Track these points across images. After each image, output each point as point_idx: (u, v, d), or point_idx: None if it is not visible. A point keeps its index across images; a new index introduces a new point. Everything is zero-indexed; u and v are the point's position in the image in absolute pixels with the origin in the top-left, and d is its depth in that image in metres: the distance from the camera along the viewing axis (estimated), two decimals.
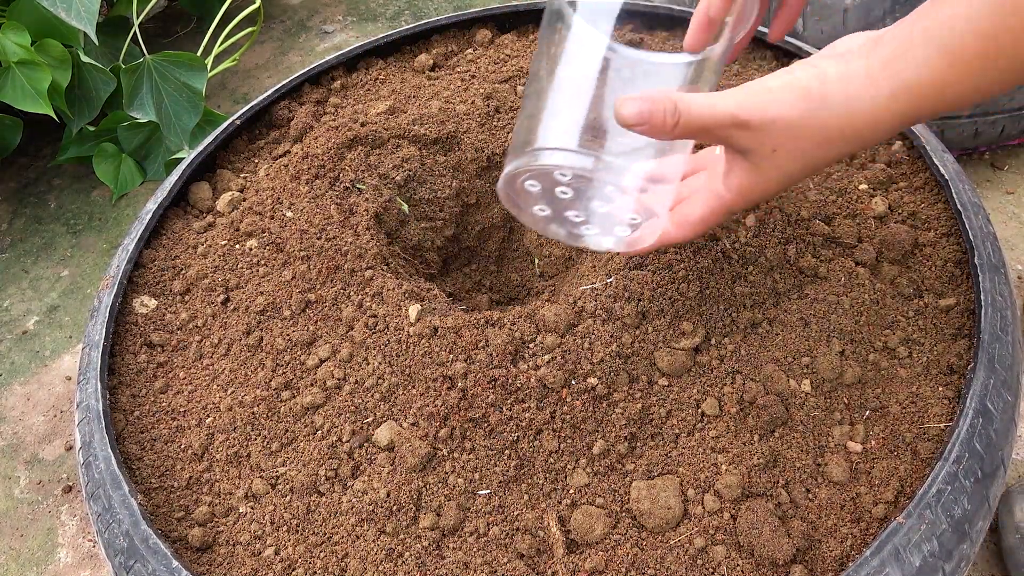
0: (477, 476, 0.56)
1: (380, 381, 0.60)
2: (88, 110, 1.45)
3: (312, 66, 0.91)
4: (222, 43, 1.56)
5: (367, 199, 0.72)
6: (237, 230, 0.75)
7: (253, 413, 0.62)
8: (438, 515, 0.55)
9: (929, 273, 0.66)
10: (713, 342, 0.59)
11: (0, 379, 1.25)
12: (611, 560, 0.52)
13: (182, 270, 0.75)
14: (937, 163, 0.71)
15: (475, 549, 0.54)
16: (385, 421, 0.59)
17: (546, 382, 0.56)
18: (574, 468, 0.56)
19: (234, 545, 0.58)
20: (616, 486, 0.55)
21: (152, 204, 0.80)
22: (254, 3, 1.58)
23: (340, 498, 0.57)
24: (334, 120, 0.81)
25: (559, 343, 0.58)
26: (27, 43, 1.31)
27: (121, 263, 0.74)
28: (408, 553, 0.54)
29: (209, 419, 0.64)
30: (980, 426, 0.54)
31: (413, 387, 0.59)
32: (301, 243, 0.69)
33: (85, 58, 1.40)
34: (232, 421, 0.63)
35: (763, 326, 0.60)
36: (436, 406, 0.57)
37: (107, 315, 0.70)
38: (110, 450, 0.60)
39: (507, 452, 0.56)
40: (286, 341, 0.65)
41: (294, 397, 0.62)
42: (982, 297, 0.60)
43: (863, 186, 0.72)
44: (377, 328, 0.62)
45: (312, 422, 0.61)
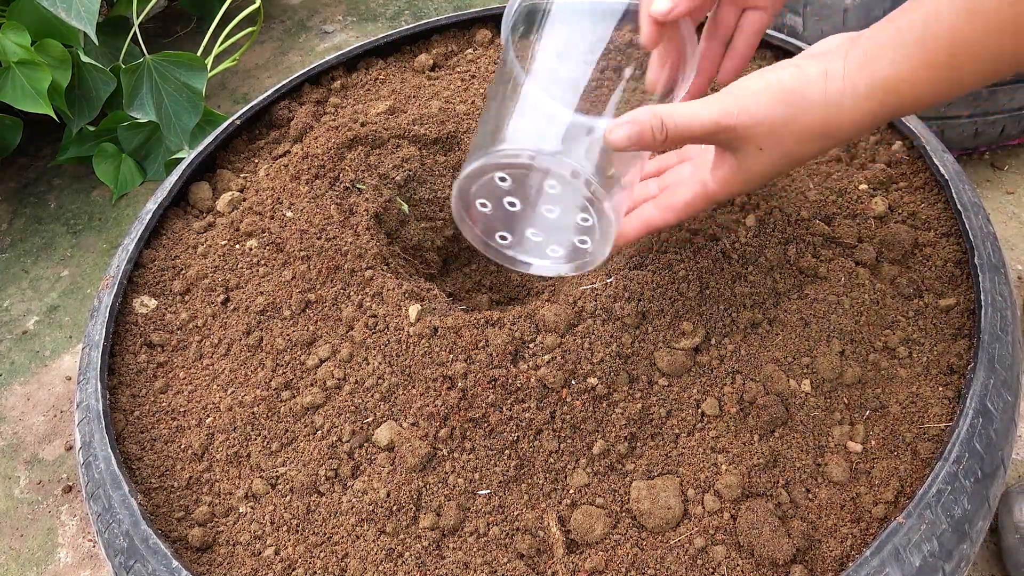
0: (477, 476, 0.56)
1: (380, 381, 0.60)
2: (88, 110, 1.45)
3: (312, 66, 0.91)
4: (222, 43, 1.56)
5: (367, 199, 0.72)
6: (237, 230, 0.75)
7: (253, 413, 0.62)
8: (438, 515, 0.55)
9: (929, 273, 0.66)
10: (713, 342, 0.59)
11: (0, 379, 1.25)
12: (611, 560, 0.52)
13: (182, 270, 0.75)
14: (937, 163, 0.71)
15: (475, 549, 0.54)
16: (385, 421, 0.59)
17: (546, 382, 0.56)
18: (574, 468, 0.56)
19: (234, 545, 0.58)
20: (616, 486, 0.55)
21: (152, 204, 0.80)
22: (254, 3, 1.58)
23: (340, 498, 0.57)
24: (334, 120, 0.81)
25: (559, 343, 0.58)
26: (27, 43, 1.31)
27: (121, 263, 0.74)
28: (408, 553, 0.54)
29: (209, 419, 0.64)
30: (980, 426, 0.54)
31: (413, 387, 0.59)
32: (301, 243, 0.69)
33: (85, 58, 1.40)
34: (232, 421, 0.63)
35: (763, 326, 0.60)
36: (436, 406, 0.57)
37: (107, 315, 0.70)
38: (110, 450, 0.60)
39: (507, 452, 0.56)
40: (286, 341, 0.65)
41: (294, 397, 0.62)
42: (982, 297, 0.60)
43: (863, 186, 0.72)
44: (377, 328, 0.62)
45: (312, 422, 0.61)
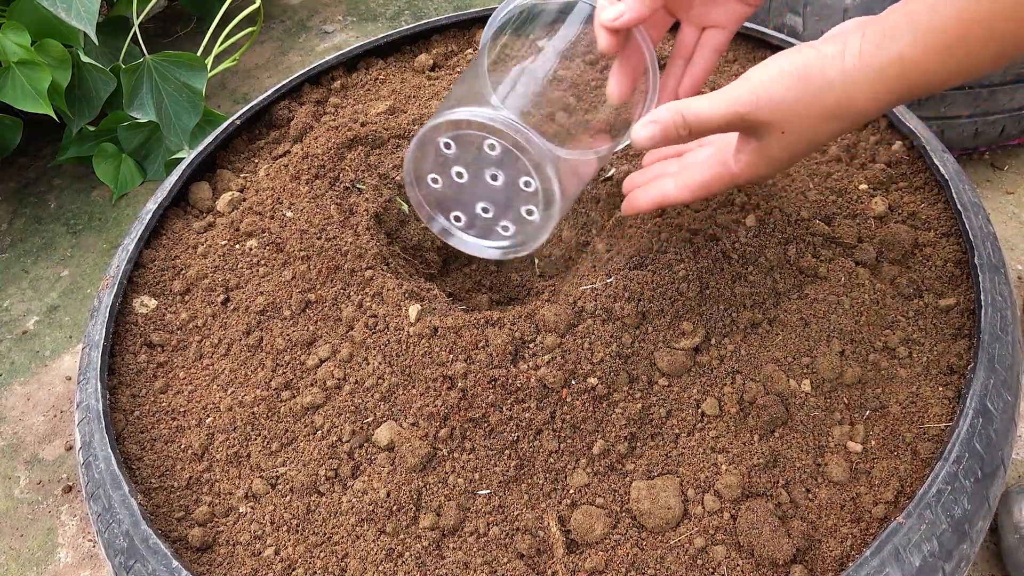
0: (477, 476, 0.56)
1: (380, 381, 0.60)
2: (88, 110, 1.45)
3: (312, 66, 0.91)
4: (222, 43, 1.56)
5: (367, 199, 0.72)
6: (237, 230, 0.75)
7: (253, 413, 0.62)
8: (438, 515, 0.55)
9: (929, 273, 0.66)
10: (713, 342, 0.59)
11: (0, 379, 1.25)
12: (611, 560, 0.52)
13: (182, 270, 0.75)
14: (937, 163, 0.71)
15: (475, 549, 0.54)
16: (385, 421, 0.59)
17: (546, 382, 0.56)
18: (574, 468, 0.56)
19: (234, 545, 0.58)
20: (616, 486, 0.55)
21: (152, 204, 0.80)
22: (254, 3, 1.58)
23: (340, 498, 0.57)
24: (334, 120, 0.81)
25: (559, 343, 0.58)
26: (27, 43, 1.31)
27: (121, 263, 0.74)
28: (408, 553, 0.54)
29: (209, 419, 0.64)
30: (980, 426, 0.54)
31: (413, 387, 0.59)
32: (301, 243, 0.69)
33: (85, 58, 1.40)
34: (232, 421, 0.63)
35: (763, 326, 0.60)
36: (436, 406, 0.57)
37: (107, 315, 0.70)
38: (110, 450, 0.60)
39: (507, 452, 0.56)
40: (286, 341, 0.65)
41: (294, 397, 0.62)
42: (982, 297, 0.60)
43: (863, 186, 0.72)
44: (377, 328, 0.62)
45: (312, 422, 0.61)
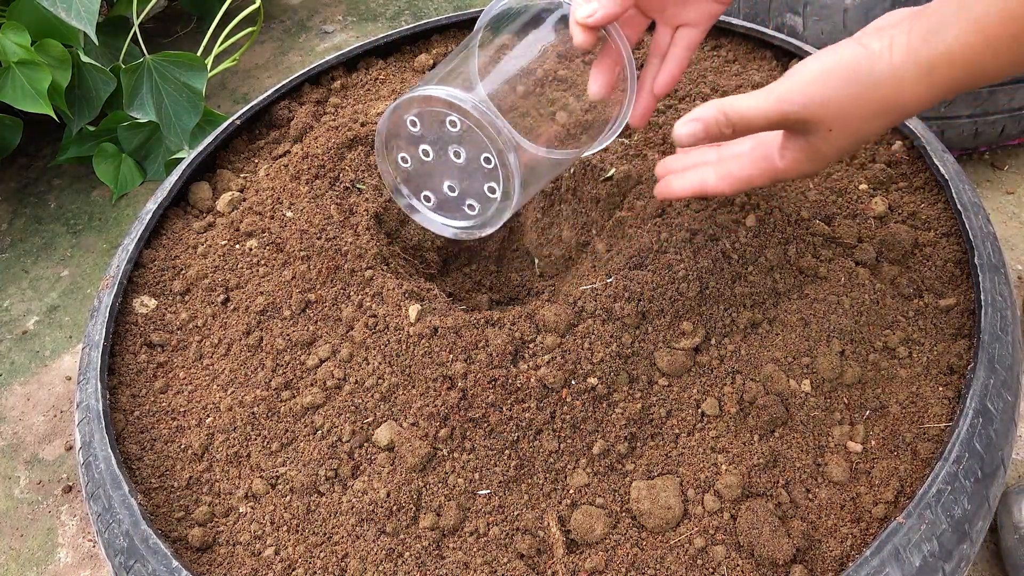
0: (477, 476, 0.56)
1: (380, 381, 0.60)
2: (88, 110, 1.45)
3: (312, 66, 0.91)
4: (222, 43, 1.56)
5: (367, 199, 0.72)
6: (237, 230, 0.75)
7: (253, 413, 0.62)
8: (438, 515, 0.55)
9: (929, 273, 0.66)
10: (713, 342, 0.59)
11: (0, 379, 1.25)
12: (611, 560, 0.52)
13: (182, 270, 0.75)
14: (937, 163, 0.71)
15: (475, 549, 0.54)
16: (385, 421, 0.59)
17: (546, 382, 0.56)
18: (574, 468, 0.56)
19: (234, 545, 0.58)
20: (616, 486, 0.55)
21: (152, 204, 0.80)
22: (254, 3, 1.58)
23: (340, 498, 0.57)
24: (334, 120, 0.81)
25: (559, 343, 0.58)
26: (27, 43, 1.31)
27: (121, 263, 0.74)
28: (408, 553, 0.54)
29: (209, 419, 0.64)
30: (980, 426, 0.54)
31: (413, 387, 0.59)
32: (301, 243, 0.69)
33: (85, 58, 1.40)
34: (232, 421, 0.63)
35: (763, 326, 0.60)
36: (436, 406, 0.57)
37: (107, 315, 0.70)
38: (110, 450, 0.60)
39: (507, 452, 0.56)
40: (286, 341, 0.65)
41: (294, 397, 0.62)
42: (982, 297, 0.60)
43: (863, 186, 0.72)
44: (377, 328, 0.62)
45: (312, 422, 0.61)
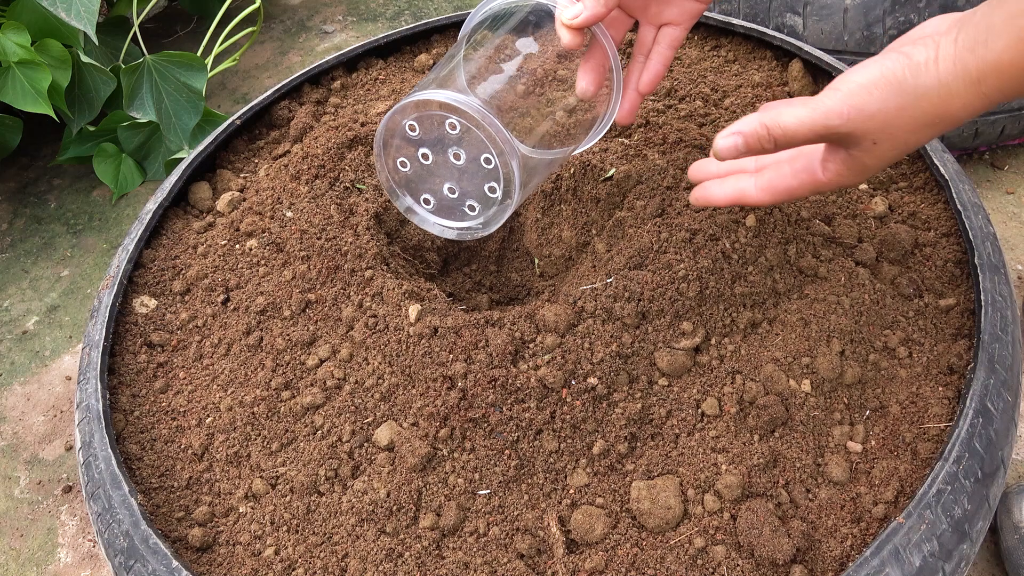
0: (477, 476, 0.56)
1: (380, 381, 0.60)
2: (88, 110, 1.45)
3: (312, 66, 0.91)
4: (222, 43, 1.56)
5: (367, 199, 0.72)
6: (237, 230, 0.75)
7: (253, 413, 0.62)
8: (438, 515, 0.55)
9: (929, 273, 0.66)
10: (713, 342, 0.59)
11: (0, 379, 1.25)
12: (611, 560, 0.52)
13: (182, 270, 0.75)
14: (937, 163, 0.71)
15: (475, 549, 0.54)
16: (385, 421, 0.59)
17: (546, 382, 0.56)
18: (574, 468, 0.56)
19: (234, 545, 0.58)
20: (616, 486, 0.55)
21: (152, 204, 0.80)
22: (254, 3, 1.58)
23: (340, 498, 0.57)
24: (334, 120, 0.81)
25: (559, 343, 0.58)
26: (27, 43, 1.31)
27: (121, 263, 0.74)
28: (408, 553, 0.54)
29: (209, 419, 0.64)
30: (980, 426, 0.54)
31: (413, 387, 0.59)
32: (301, 243, 0.69)
33: (85, 58, 1.40)
34: (232, 421, 0.63)
35: (763, 326, 0.60)
36: (436, 406, 0.57)
37: (107, 315, 0.70)
38: (110, 450, 0.60)
39: (507, 452, 0.56)
40: (286, 341, 0.65)
41: (294, 397, 0.62)
42: (982, 297, 0.60)
43: (863, 186, 0.72)
44: (377, 328, 0.62)
45: (312, 422, 0.61)
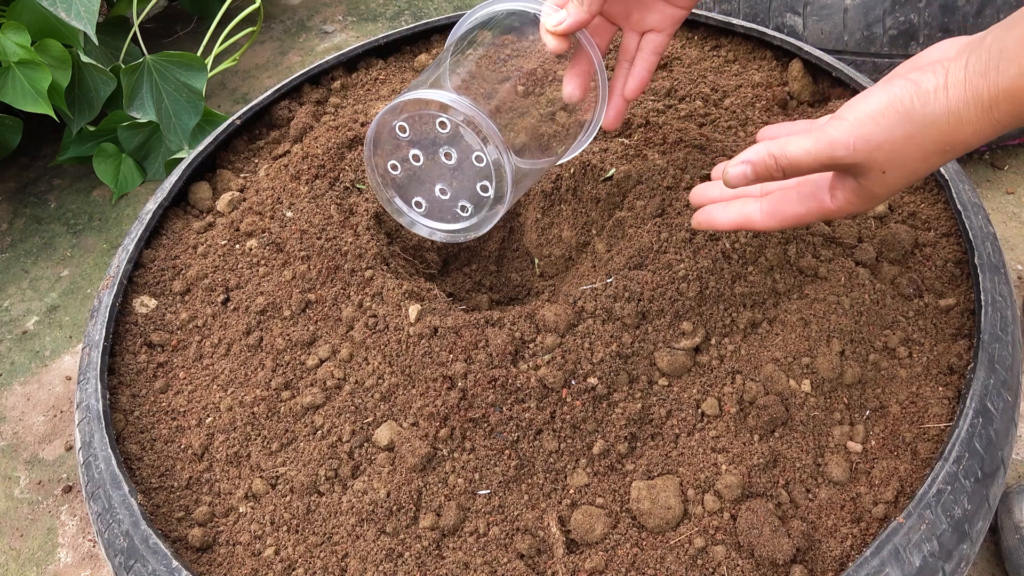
0: (477, 476, 0.56)
1: (380, 381, 0.60)
2: (88, 110, 1.45)
3: (312, 66, 0.91)
4: (222, 43, 1.56)
5: (367, 199, 0.72)
6: (237, 230, 0.75)
7: (253, 413, 0.62)
8: (438, 515, 0.55)
9: (929, 273, 0.66)
10: (713, 342, 0.59)
11: (0, 379, 1.25)
12: (611, 560, 0.52)
13: (182, 270, 0.75)
14: None
15: (475, 549, 0.54)
16: (385, 421, 0.59)
17: (546, 382, 0.56)
18: (574, 468, 0.56)
19: (234, 545, 0.58)
20: (616, 486, 0.55)
21: (152, 204, 0.80)
22: (254, 3, 1.58)
23: (340, 498, 0.57)
24: (334, 120, 0.81)
25: (559, 343, 0.58)
26: (27, 43, 1.31)
27: (121, 263, 0.74)
28: (408, 553, 0.54)
29: (209, 419, 0.64)
30: (980, 426, 0.54)
31: (413, 387, 0.59)
32: (301, 243, 0.69)
33: (85, 58, 1.40)
34: (232, 421, 0.63)
35: (763, 326, 0.60)
36: (436, 406, 0.57)
37: (107, 315, 0.70)
38: (110, 450, 0.60)
39: (507, 452, 0.56)
40: (286, 341, 0.65)
41: (294, 397, 0.62)
42: (982, 297, 0.60)
43: None
44: (377, 328, 0.62)
45: (312, 422, 0.61)
